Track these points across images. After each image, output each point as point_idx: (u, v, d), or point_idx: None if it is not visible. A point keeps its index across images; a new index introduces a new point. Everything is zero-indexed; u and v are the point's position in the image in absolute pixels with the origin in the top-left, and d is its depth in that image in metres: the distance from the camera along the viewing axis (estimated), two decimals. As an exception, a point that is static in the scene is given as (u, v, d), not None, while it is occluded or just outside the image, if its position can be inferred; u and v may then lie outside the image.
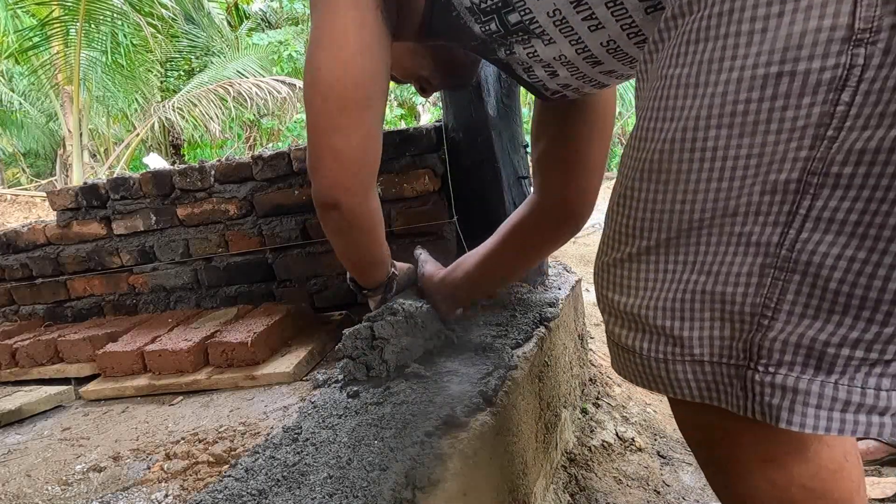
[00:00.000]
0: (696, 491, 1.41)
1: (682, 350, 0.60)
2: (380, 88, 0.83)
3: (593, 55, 0.74)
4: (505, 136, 1.60)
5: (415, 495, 0.74)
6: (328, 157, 0.82)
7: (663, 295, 0.61)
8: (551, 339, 1.38)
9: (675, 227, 0.59)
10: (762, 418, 0.56)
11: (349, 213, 0.88)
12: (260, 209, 2.09)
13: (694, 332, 0.59)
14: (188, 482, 1.21)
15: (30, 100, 9.10)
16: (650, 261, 0.62)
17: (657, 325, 0.61)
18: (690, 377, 0.60)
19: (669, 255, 0.60)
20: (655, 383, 0.64)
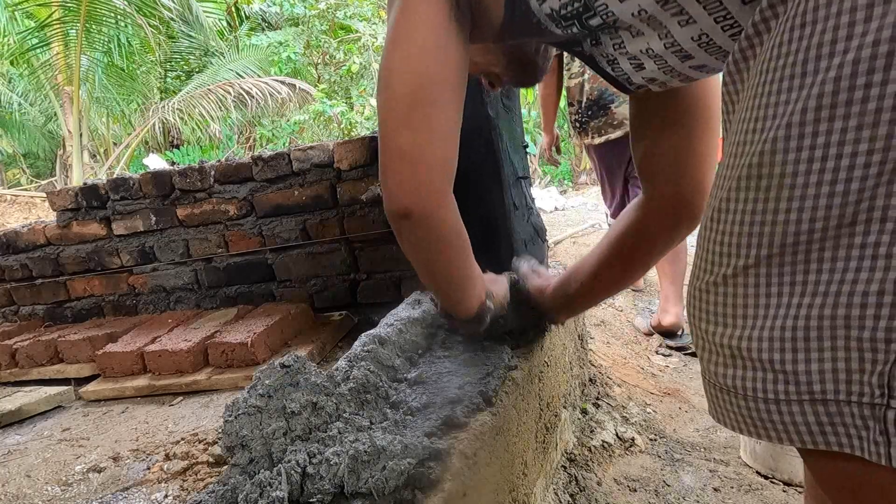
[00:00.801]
0: (696, 491, 1.41)
1: (797, 388, 0.51)
2: (452, 88, 0.79)
3: (683, 50, 0.69)
4: (505, 136, 1.60)
5: (415, 495, 0.74)
6: (395, 159, 0.77)
7: (769, 323, 0.52)
8: (551, 339, 1.38)
9: (779, 241, 0.50)
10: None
11: (422, 222, 0.79)
12: (260, 209, 2.09)
13: (812, 365, 0.50)
14: (188, 482, 1.21)
15: (29, 100, 9.11)
16: (749, 283, 0.53)
17: (764, 360, 0.52)
18: (812, 420, 0.51)
19: (773, 275, 0.52)
20: (766, 430, 0.54)
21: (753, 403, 0.54)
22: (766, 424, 0.53)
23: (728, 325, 0.55)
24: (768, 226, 0.51)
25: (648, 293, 3.22)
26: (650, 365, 2.31)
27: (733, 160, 0.54)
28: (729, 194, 0.54)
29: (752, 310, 0.53)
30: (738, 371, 0.55)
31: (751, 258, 0.53)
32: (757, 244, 0.52)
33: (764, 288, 0.52)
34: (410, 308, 1.32)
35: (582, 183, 10.92)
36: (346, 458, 0.75)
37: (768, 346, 0.52)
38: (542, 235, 1.82)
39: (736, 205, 0.53)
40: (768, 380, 0.52)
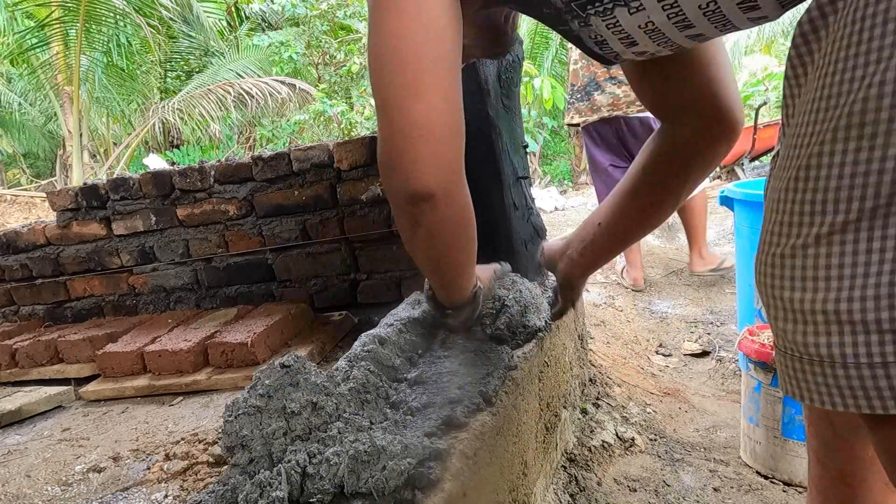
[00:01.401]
0: (696, 491, 1.41)
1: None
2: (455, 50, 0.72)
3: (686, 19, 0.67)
4: (505, 136, 1.60)
5: (415, 495, 0.74)
6: (409, 135, 0.67)
7: (873, 280, 0.49)
8: (551, 340, 1.38)
9: (887, 190, 0.47)
10: None
11: (446, 202, 0.72)
12: (260, 209, 2.09)
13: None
14: (188, 482, 1.21)
15: (29, 100, 9.11)
16: (848, 240, 0.50)
17: (869, 321, 0.49)
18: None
19: (876, 228, 0.48)
20: (869, 398, 0.50)
21: (856, 371, 0.50)
22: (871, 392, 0.50)
23: (822, 288, 0.52)
24: (874, 175, 0.48)
25: (648, 293, 3.22)
26: (650, 365, 2.31)
27: (822, 114, 0.51)
28: (822, 149, 0.51)
29: (851, 269, 0.50)
30: (834, 338, 0.51)
31: (852, 213, 0.49)
32: (860, 196, 0.49)
33: (866, 244, 0.49)
34: (410, 308, 1.32)
35: (582, 183, 10.92)
36: (346, 458, 0.75)
37: (874, 304, 0.49)
38: (542, 235, 1.82)
39: (831, 158, 0.50)
40: (873, 342, 0.49)
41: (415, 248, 0.81)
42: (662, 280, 3.41)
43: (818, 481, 0.92)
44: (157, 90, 9.42)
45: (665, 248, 4.02)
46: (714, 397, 2.01)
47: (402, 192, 0.71)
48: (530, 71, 7.11)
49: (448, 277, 0.92)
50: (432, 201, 0.71)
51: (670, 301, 3.09)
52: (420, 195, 0.70)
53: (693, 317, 2.83)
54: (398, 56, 0.68)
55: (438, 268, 0.88)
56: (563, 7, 0.71)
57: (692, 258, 3.24)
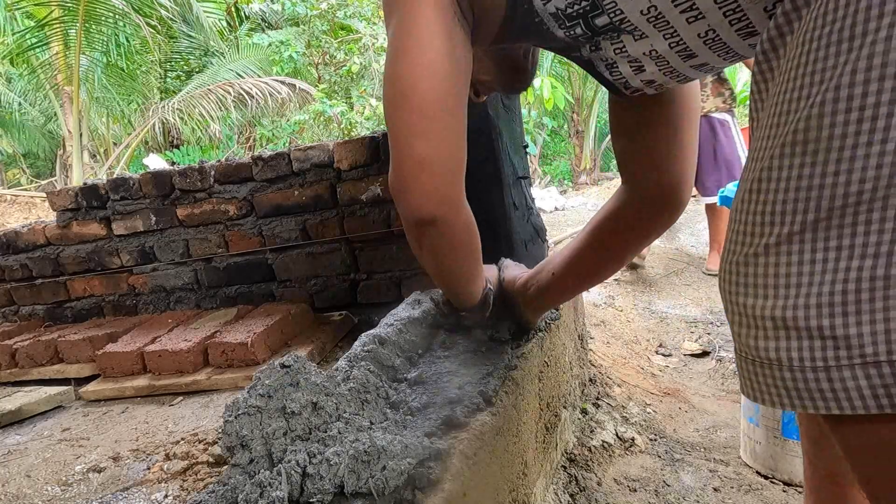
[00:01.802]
0: (696, 491, 1.41)
1: (848, 353, 0.51)
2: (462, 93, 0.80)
3: (688, 48, 0.70)
4: (505, 136, 1.60)
5: (415, 495, 0.74)
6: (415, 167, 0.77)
7: (815, 289, 0.52)
8: (551, 339, 1.38)
9: (827, 204, 0.50)
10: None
11: (446, 226, 0.81)
12: (260, 209, 2.09)
13: (863, 327, 0.50)
14: (188, 482, 1.21)
15: (29, 100, 9.11)
16: (794, 251, 0.53)
17: (812, 327, 0.52)
18: (863, 384, 0.50)
19: (819, 240, 0.51)
20: (814, 399, 0.53)
21: (801, 374, 0.53)
22: (815, 394, 0.53)
23: (770, 296, 0.55)
24: (815, 190, 0.51)
25: (648, 293, 3.22)
26: (650, 365, 2.31)
27: (775, 130, 0.54)
28: (772, 163, 0.54)
29: (797, 278, 0.53)
30: (781, 343, 0.54)
31: (796, 224, 0.52)
32: (803, 209, 0.52)
33: (809, 254, 0.52)
34: (410, 308, 1.32)
35: (582, 183, 10.92)
36: (346, 458, 0.75)
37: (816, 312, 0.51)
38: (542, 235, 1.82)
39: (780, 172, 0.53)
40: (816, 347, 0.52)
41: (424, 262, 0.90)
42: (662, 280, 3.41)
43: (810, 481, 0.95)
44: (157, 90, 9.42)
45: (665, 248, 4.02)
46: (714, 397, 2.01)
47: (408, 216, 0.80)
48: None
49: (455, 286, 1.02)
50: (434, 225, 0.80)
51: (670, 301, 3.09)
52: (423, 220, 0.80)
53: (693, 317, 2.83)
54: (404, 98, 0.75)
55: (446, 279, 0.98)
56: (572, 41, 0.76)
57: (710, 256, 3.39)
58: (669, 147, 0.93)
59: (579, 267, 1.08)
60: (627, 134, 0.96)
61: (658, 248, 4.00)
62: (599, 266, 1.08)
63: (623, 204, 1.00)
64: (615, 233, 1.03)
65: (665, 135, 0.93)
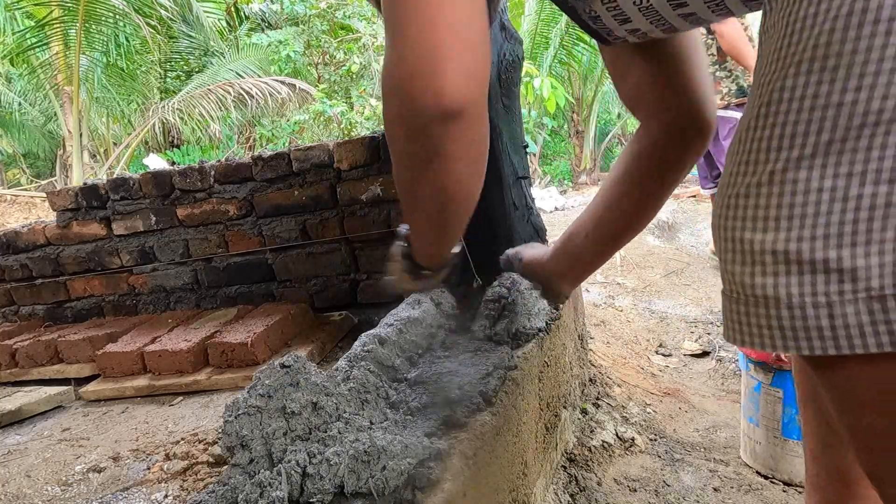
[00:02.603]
0: (696, 491, 1.41)
1: (853, 286, 0.47)
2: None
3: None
4: (505, 136, 1.60)
5: (415, 495, 0.74)
6: (446, 33, 0.57)
7: (823, 219, 0.48)
8: (551, 340, 1.38)
9: (844, 123, 0.47)
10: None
11: (476, 120, 0.63)
12: (260, 209, 2.09)
13: (871, 259, 0.46)
14: (188, 482, 1.21)
15: (29, 100, 9.11)
16: (800, 178, 0.49)
17: (817, 260, 0.48)
18: (866, 320, 0.47)
19: (829, 165, 0.48)
20: (810, 339, 0.49)
21: (800, 311, 0.50)
22: (812, 333, 0.49)
23: (772, 228, 0.51)
24: (833, 108, 0.47)
25: (648, 293, 3.22)
26: (650, 365, 2.31)
27: (787, 50, 0.50)
28: (784, 83, 0.50)
29: (802, 208, 0.49)
30: (780, 278, 0.51)
31: (808, 147, 0.49)
32: (817, 130, 0.48)
33: (817, 181, 0.48)
34: (410, 308, 1.32)
35: (582, 183, 10.92)
36: (346, 458, 0.75)
37: (822, 244, 0.48)
38: (542, 235, 1.82)
39: (793, 92, 0.50)
40: (819, 282, 0.48)
41: (419, 191, 0.70)
42: (662, 280, 3.41)
43: (815, 480, 0.92)
44: (157, 90, 9.42)
45: (665, 248, 4.03)
46: (714, 397, 2.01)
47: (427, 108, 0.59)
48: (530, 71, 7.11)
49: (446, 228, 0.80)
50: (463, 117, 0.61)
51: (670, 301, 3.09)
52: (451, 109, 0.59)
53: (693, 317, 2.83)
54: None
55: (440, 215, 0.75)
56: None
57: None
58: (688, 68, 0.86)
59: (616, 219, 0.98)
60: (639, 67, 0.88)
61: (658, 248, 4.00)
62: (640, 212, 0.97)
63: (650, 141, 0.92)
64: (649, 173, 0.94)
65: (679, 59, 0.86)
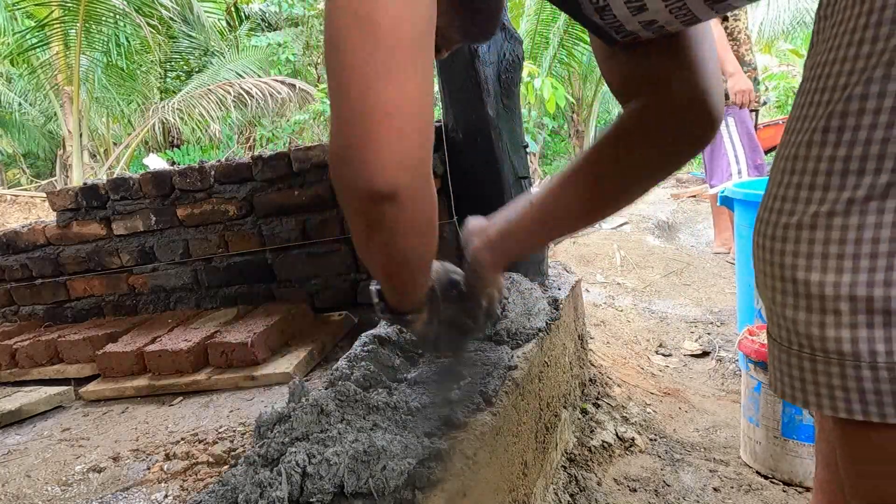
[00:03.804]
0: (696, 491, 1.41)
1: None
2: (432, 27, 0.61)
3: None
4: (505, 136, 1.60)
5: (415, 495, 0.74)
6: (379, 121, 0.55)
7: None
8: (551, 340, 1.38)
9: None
10: None
11: (411, 202, 0.60)
12: (260, 209, 2.09)
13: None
14: (188, 482, 1.21)
15: (29, 100, 9.12)
16: (891, 208, 0.40)
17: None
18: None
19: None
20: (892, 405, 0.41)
21: (887, 373, 0.41)
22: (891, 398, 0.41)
23: (849, 269, 0.41)
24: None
25: (648, 293, 3.22)
26: (650, 365, 2.31)
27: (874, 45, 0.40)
28: (868, 89, 0.40)
29: (891, 245, 0.40)
30: (860, 332, 0.41)
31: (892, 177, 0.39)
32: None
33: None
34: (410, 308, 1.32)
35: (582, 183, 10.90)
36: (345, 458, 0.75)
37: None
38: (542, 235, 1.81)
39: (879, 101, 0.40)
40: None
41: (371, 254, 0.69)
42: (662, 280, 3.41)
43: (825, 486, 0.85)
44: (157, 90, 9.42)
45: (665, 248, 4.02)
46: (714, 397, 2.01)
47: (359, 189, 0.59)
48: (530, 71, 7.11)
49: (406, 279, 0.78)
50: (397, 201, 0.59)
51: (670, 301, 3.09)
52: (382, 193, 0.58)
53: (693, 317, 2.83)
54: (365, 25, 0.55)
55: (396, 274, 0.75)
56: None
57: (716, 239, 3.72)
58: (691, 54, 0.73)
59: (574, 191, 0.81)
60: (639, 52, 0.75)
61: (658, 248, 4.00)
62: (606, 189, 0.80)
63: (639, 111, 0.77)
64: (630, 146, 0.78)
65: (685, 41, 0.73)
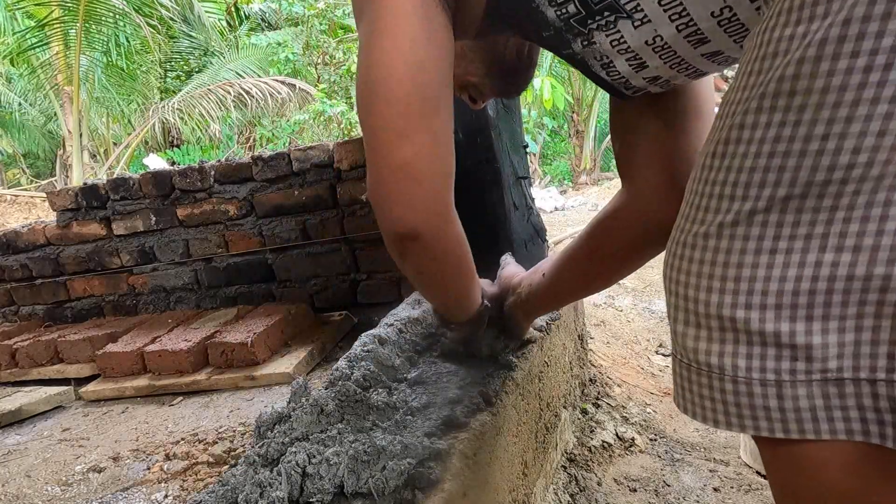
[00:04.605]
0: (695, 491, 1.41)
1: (807, 366, 0.42)
2: (448, 87, 0.68)
3: (699, 31, 0.58)
4: (505, 136, 1.60)
5: (415, 495, 0.74)
6: (398, 177, 0.64)
7: (775, 286, 0.42)
8: (551, 340, 1.38)
9: (805, 177, 0.40)
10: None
11: (432, 242, 0.69)
12: (260, 209, 2.09)
13: (829, 337, 0.41)
14: (188, 482, 1.21)
15: (29, 100, 9.12)
16: (753, 235, 0.43)
17: (767, 332, 0.43)
18: (819, 404, 0.42)
19: (787, 223, 0.41)
20: (756, 419, 0.44)
21: (745, 387, 0.44)
22: (758, 413, 0.44)
23: (717, 289, 0.45)
24: (794, 157, 0.40)
25: (648, 293, 3.22)
26: (650, 365, 2.31)
27: (754, 78, 0.43)
28: (744, 120, 0.43)
29: (753, 270, 0.43)
30: (727, 347, 0.45)
31: (762, 200, 0.42)
32: (774, 182, 0.41)
33: (771, 241, 0.42)
34: (410, 308, 1.32)
35: (582, 183, 10.93)
36: (345, 458, 0.75)
37: (774, 314, 0.42)
38: (542, 235, 1.82)
39: (753, 132, 0.43)
40: (769, 356, 0.43)
41: (409, 277, 0.79)
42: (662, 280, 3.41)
43: None
44: (157, 90, 9.42)
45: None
46: (714, 397, 2.01)
47: (388, 230, 0.69)
48: (530, 71, 7.09)
49: (445, 302, 0.92)
50: (419, 241, 0.69)
51: (670, 301, 3.09)
52: (406, 235, 0.68)
53: (693, 317, 2.83)
54: (377, 90, 0.64)
55: (434, 295, 0.89)
56: (563, 25, 0.65)
57: None
58: (675, 138, 0.79)
59: (570, 272, 0.94)
60: (627, 128, 0.83)
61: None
62: (590, 274, 0.92)
63: (620, 205, 0.86)
64: (609, 237, 0.88)
65: (674, 136, 0.79)
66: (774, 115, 0.41)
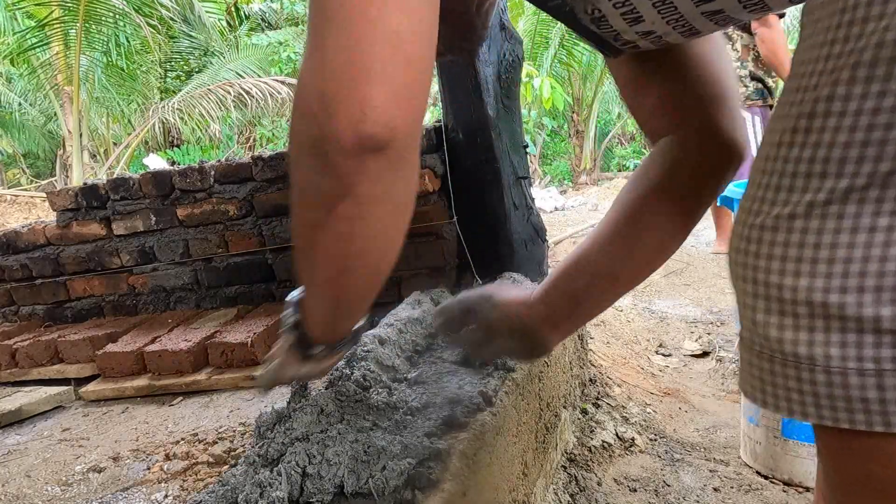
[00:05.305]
0: (696, 491, 1.41)
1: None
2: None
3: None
4: (505, 136, 1.60)
5: (415, 495, 0.74)
6: (383, 48, 0.45)
7: (874, 266, 0.39)
8: (551, 340, 1.38)
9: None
10: None
11: (403, 154, 0.50)
12: (260, 209, 2.09)
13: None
14: (188, 482, 1.21)
15: (29, 100, 9.12)
16: (849, 213, 0.39)
17: (865, 317, 0.39)
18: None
19: (888, 199, 0.38)
20: (852, 412, 0.41)
21: (840, 378, 0.41)
22: (854, 405, 0.40)
23: (807, 272, 0.41)
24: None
25: (648, 293, 3.22)
26: (650, 365, 2.31)
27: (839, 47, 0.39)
28: (834, 90, 0.40)
29: (849, 250, 0.39)
30: (817, 335, 0.41)
31: (860, 177, 0.39)
32: (875, 156, 0.38)
33: (870, 219, 0.39)
34: (410, 308, 1.32)
35: (582, 183, 10.92)
36: (345, 458, 0.75)
37: (873, 298, 0.39)
38: (542, 235, 1.82)
39: (846, 104, 0.39)
40: (866, 344, 0.39)
41: (324, 240, 0.58)
42: (662, 280, 3.41)
43: None
44: (157, 90, 9.42)
45: (665, 248, 4.03)
46: (714, 397, 2.01)
47: (341, 135, 0.47)
48: (530, 71, 7.11)
49: (348, 296, 0.65)
50: (386, 153, 0.48)
51: (670, 301, 3.09)
52: (372, 141, 0.47)
53: (693, 317, 2.83)
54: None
55: (343, 277, 0.62)
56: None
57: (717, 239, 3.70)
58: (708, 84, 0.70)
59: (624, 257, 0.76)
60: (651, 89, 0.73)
61: (658, 248, 4.01)
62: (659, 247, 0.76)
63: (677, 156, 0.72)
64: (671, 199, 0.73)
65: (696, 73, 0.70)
66: (872, 84, 0.38)
